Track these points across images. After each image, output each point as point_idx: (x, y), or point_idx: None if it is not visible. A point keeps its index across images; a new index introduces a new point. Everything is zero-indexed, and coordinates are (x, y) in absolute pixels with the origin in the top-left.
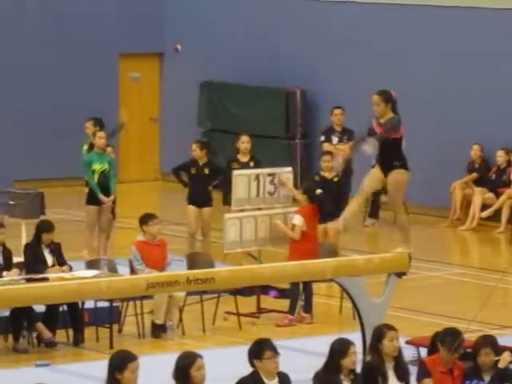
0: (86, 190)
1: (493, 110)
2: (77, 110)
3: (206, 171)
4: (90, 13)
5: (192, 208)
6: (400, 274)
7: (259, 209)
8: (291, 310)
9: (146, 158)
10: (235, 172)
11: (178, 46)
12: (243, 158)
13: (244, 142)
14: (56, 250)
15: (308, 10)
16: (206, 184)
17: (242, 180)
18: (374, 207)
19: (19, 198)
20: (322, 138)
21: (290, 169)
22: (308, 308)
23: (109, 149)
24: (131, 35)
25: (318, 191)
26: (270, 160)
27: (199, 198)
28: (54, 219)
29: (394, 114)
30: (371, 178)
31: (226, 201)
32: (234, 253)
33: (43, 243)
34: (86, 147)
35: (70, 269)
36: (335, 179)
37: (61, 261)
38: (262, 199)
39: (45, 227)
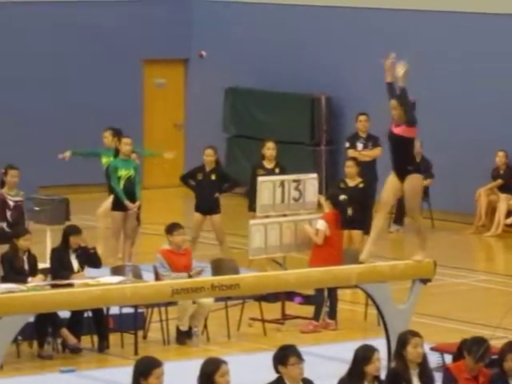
0: (111, 196)
1: None
2: (102, 116)
3: (213, 177)
4: (115, 19)
5: (197, 215)
6: (425, 281)
7: (284, 215)
8: (316, 316)
9: (170, 164)
10: (260, 178)
11: (203, 52)
12: (268, 165)
13: (270, 149)
14: (83, 255)
15: (333, 16)
16: (212, 190)
17: (266, 186)
18: (398, 213)
19: (44, 204)
20: (347, 145)
21: (315, 175)
22: (333, 314)
23: (133, 155)
24: (156, 41)
25: (342, 197)
26: (295, 166)
27: (206, 205)
28: (79, 225)
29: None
30: (389, 189)
31: (252, 207)
32: (258, 259)
33: (71, 247)
34: (104, 160)
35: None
36: (360, 185)
37: (91, 263)
38: (286, 205)
39: (72, 230)
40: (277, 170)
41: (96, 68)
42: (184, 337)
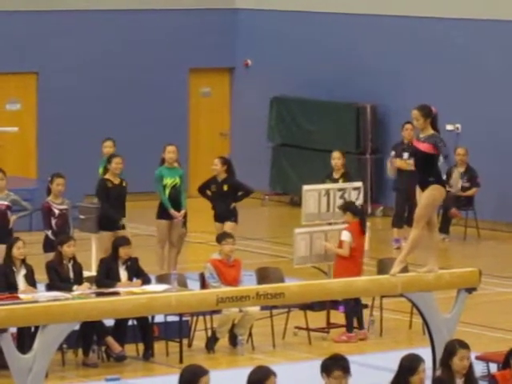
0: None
1: None
2: (147, 125)
3: (225, 188)
4: (162, 28)
5: (217, 225)
6: (470, 290)
7: (329, 224)
8: (349, 327)
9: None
10: (305, 187)
11: (249, 61)
12: (336, 175)
13: (334, 159)
14: (133, 266)
15: (379, 25)
16: (226, 201)
17: (312, 195)
18: (444, 222)
19: (89, 213)
20: (393, 153)
21: (359, 184)
22: (361, 324)
23: (175, 164)
24: (202, 50)
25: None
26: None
27: (221, 215)
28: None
29: (433, 129)
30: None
31: None
32: (303, 267)
33: (120, 258)
34: (101, 170)
35: (143, 282)
36: (341, 181)
37: (139, 275)
38: (332, 214)
39: (121, 241)
40: (340, 181)
41: (143, 77)
42: (213, 343)
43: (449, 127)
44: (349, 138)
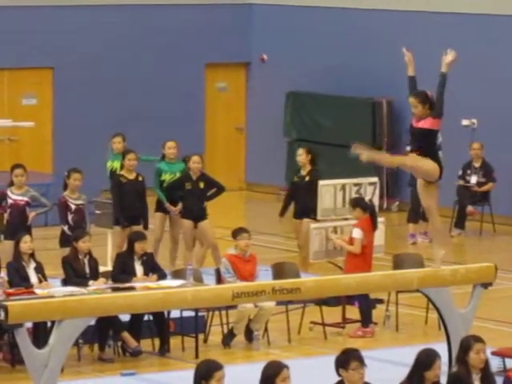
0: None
1: None
2: (163, 120)
3: (202, 185)
4: (178, 23)
5: (188, 223)
6: (486, 285)
7: (345, 219)
8: (365, 322)
9: (232, 167)
10: (321, 182)
11: (265, 56)
12: (303, 171)
13: (298, 155)
14: (149, 261)
15: (394, 19)
16: (202, 199)
17: (327, 190)
18: (460, 217)
19: (105, 208)
20: (409, 149)
21: (375, 179)
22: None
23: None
24: (218, 45)
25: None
26: (357, 170)
27: (195, 213)
28: (140, 229)
29: None
30: (424, 195)
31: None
32: (319, 262)
33: (136, 253)
34: (109, 164)
35: (159, 277)
36: (307, 178)
37: (155, 270)
38: (347, 209)
39: (137, 236)
40: (307, 178)
41: (159, 72)
42: (229, 339)
43: (465, 122)
44: (365, 132)
